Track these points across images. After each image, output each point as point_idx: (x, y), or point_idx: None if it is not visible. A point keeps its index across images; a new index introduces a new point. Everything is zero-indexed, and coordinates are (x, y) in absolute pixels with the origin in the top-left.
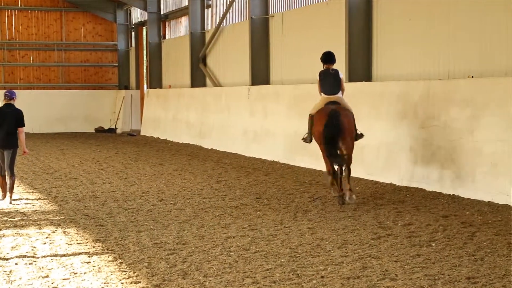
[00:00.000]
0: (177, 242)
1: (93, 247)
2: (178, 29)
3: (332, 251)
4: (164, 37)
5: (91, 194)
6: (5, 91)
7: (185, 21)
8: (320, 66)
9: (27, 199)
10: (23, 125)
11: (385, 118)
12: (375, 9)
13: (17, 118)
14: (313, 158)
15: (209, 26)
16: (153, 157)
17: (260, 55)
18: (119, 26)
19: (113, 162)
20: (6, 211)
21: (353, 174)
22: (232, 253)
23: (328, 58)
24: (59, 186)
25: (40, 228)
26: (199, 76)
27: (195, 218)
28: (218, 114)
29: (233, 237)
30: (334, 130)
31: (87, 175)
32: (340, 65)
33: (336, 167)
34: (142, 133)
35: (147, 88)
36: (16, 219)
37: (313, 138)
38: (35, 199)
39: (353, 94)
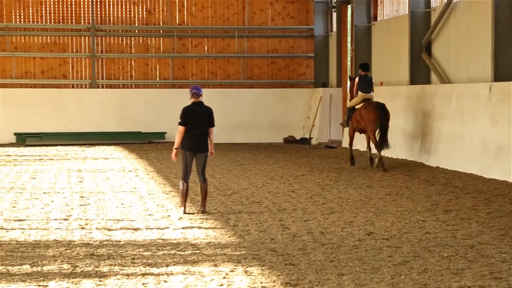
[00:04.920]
0: None
1: None
2: (394, 8)
3: None
4: (375, 19)
5: (278, 223)
6: (191, 87)
7: None
8: None
9: (199, 227)
10: (214, 124)
11: None
12: None
13: (209, 117)
14: None
15: (437, 2)
16: (359, 176)
17: (507, 41)
18: (317, 5)
19: (306, 183)
20: (175, 242)
21: None
22: None
23: (365, 67)
24: (239, 212)
25: (215, 266)
26: (421, 69)
27: (415, 259)
28: (446, 121)
29: (468, 287)
30: (384, 116)
31: (273, 198)
32: None
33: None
34: (344, 144)
35: None
36: (186, 252)
37: (352, 123)
38: (209, 227)
39: None
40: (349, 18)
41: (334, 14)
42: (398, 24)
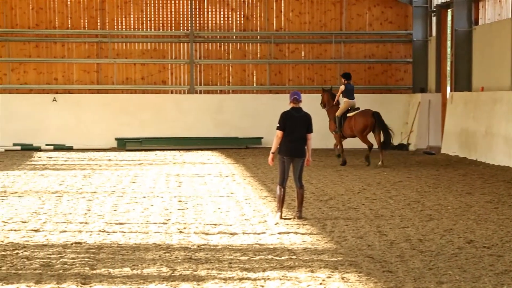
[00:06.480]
0: None
1: None
2: (497, 11)
3: None
4: (476, 23)
5: (376, 229)
6: (291, 93)
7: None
8: None
9: (296, 232)
10: (312, 130)
11: None
12: None
13: (308, 123)
14: None
15: None
16: (458, 183)
17: None
18: (416, 9)
19: (404, 189)
20: (271, 247)
21: None
22: None
23: (348, 76)
24: (336, 218)
25: (312, 271)
26: None
27: None
28: None
29: None
30: (382, 123)
31: (370, 204)
32: None
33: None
34: (443, 151)
35: (450, 91)
36: (283, 258)
37: (345, 130)
38: (305, 233)
39: None
40: (449, 22)
41: (434, 19)
42: (500, 28)
